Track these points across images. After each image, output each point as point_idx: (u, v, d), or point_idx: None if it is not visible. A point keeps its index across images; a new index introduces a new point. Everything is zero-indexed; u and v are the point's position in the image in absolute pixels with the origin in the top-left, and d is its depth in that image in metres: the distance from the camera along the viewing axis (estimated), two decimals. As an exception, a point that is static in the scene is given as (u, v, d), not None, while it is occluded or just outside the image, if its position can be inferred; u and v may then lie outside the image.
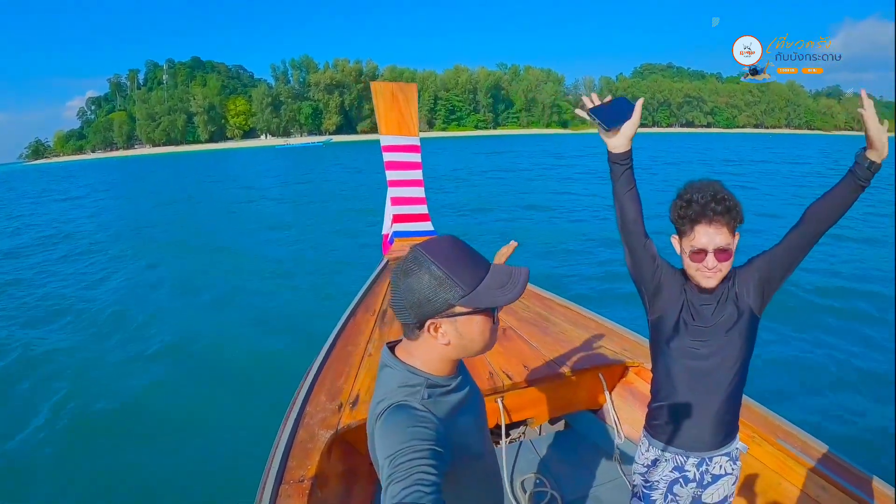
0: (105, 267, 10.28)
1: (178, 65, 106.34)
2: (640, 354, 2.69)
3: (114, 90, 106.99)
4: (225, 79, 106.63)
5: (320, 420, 2.10)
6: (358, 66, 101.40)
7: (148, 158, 69.26)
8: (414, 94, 3.73)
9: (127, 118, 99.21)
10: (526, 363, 2.57)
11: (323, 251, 10.76)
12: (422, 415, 0.88)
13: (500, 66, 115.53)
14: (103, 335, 6.62)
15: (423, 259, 0.89)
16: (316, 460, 1.86)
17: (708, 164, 31.39)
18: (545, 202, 15.95)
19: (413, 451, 0.78)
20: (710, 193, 1.30)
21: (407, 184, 4.06)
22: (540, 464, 2.61)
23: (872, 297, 6.97)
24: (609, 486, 2.46)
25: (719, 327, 1.37)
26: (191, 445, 4.05)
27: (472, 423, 1.02)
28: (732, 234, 1.32)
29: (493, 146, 47.19)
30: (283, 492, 1.72)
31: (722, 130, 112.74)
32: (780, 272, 1.37)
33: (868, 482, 1.70)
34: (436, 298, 0.88)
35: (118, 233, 14.02)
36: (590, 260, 9.50)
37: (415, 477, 0.74)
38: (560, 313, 3.20)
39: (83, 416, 4.62)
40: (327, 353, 2.66)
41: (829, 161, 33.23)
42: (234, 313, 7.19)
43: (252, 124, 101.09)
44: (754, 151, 42.41)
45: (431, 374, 0.95)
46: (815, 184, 19.09)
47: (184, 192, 22.63)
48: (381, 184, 4.20)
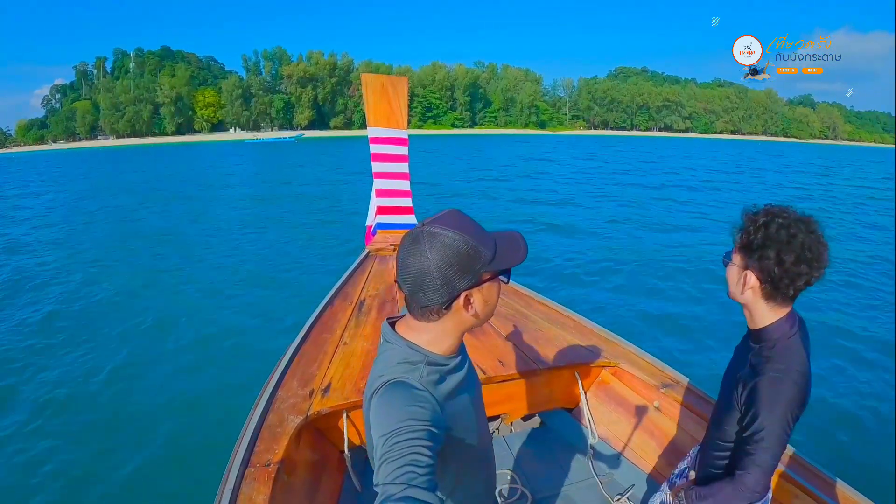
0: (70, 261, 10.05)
1: (148, 54, 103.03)
2: (618, 355, 2.74)
3: (80, 78, 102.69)
4: (195, 69, 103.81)
5: (291, 405, 2.11)
6: (332, 59, 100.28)
7: (109, 150, 66.66)
8: (404, 87, 3.80)
9: (91, 108, 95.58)
10: (501, 358, 2.60)
11: (299, 246, 10.82)
12: (419, 394, 0.88)
13: (478, 63, 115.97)
14: (70, 321, 6.72)
15: (447, 232, 0.88)
16: (284, 445, 1.88)
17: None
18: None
19: (409, 432, 0.79)
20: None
21: (392, 176, 4.13)
22: (512, 460, 2.65)
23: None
24: (581, 485, 2.50)
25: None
26: (160, 431, 4.15)
27: (469, 404, 1.03)
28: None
29: (472, 150, 46.62)
30: (249, 475, 1.73)
31: (700, 136, 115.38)
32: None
33: (832, 486, 1.76)
34: (471, 269, 0.89)
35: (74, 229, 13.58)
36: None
37: (409, 458, 0.75)
38: (539, 311, 3.25)
39: (45, 403, 4.67)
40: (302, 339, 2.68)
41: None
42: (208, 301, 7.38)
43: (221, 117, 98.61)
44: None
45: (434, 351, 0.96)
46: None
47: (139, 191, 21.63)
48: (362, 182, 4.24)
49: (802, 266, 1.17)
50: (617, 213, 14.69)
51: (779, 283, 1.20)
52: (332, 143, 67.50)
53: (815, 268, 1.17)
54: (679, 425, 2.44)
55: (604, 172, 27.85)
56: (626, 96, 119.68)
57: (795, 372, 1.20)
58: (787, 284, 1.20)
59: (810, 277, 1.19)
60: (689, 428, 2.38)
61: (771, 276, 1.20)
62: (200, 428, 4.11)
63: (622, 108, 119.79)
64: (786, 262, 1.17)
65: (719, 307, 6.78)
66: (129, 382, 5.01)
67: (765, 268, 1.20)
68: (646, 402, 2.62)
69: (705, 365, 5.04)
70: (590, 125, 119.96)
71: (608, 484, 2.48)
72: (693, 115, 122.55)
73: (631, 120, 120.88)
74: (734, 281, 1.29)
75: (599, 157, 39.43)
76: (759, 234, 1.20)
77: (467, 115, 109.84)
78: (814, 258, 1.16)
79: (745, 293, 1.27)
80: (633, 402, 2.67)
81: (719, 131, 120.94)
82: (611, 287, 7.98)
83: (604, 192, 19.45)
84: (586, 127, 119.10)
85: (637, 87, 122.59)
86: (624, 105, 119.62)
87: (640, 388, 2.65)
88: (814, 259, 1.17)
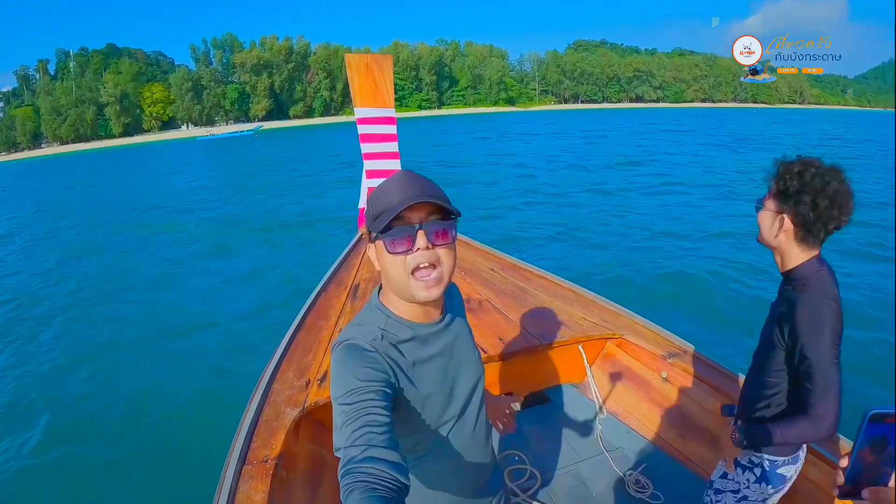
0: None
1: (92, 52, 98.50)
2: (622, 326, 2.75)
3: (21, 84, 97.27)
4: (143, 66, 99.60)
5: (287, 397, 2.10)
6: (288, 43, 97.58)
7: (43, 161, 61.21)
8: (389, 65, 3.78)
9: (32, 114, 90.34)
10: (502, 336, 2.59)
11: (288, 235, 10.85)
12: (370, 355, 0.90)
13: (440, 41, 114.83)
14: (67, 318, 6.90)
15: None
16: (282, 439, 1.87)
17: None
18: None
19: (362, 393, 0.82)
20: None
21: (382, 156, 4.13)
22: (519, 440, 2.64)
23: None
24: (591, 462, 2.52)
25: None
26: (154, 429, 4.23)
27: (437, 381, 1.01)
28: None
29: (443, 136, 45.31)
30: (247, 472, 1.72)
31: (671, 105, 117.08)
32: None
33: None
34: (368, 223, 0.93)
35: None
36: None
37: (365, 419, 0.77)
38: (538, 284, 3.24)
39: (33, 404, 4.77)
40: (297, 328, 2.66)
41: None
42: (204, 295, 7.54)
43: (171, 113, 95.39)
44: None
45: (398, 314, 0.97)
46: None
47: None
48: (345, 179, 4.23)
49: (834, 211, 1.29)
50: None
51: (812, 226, 1.32)
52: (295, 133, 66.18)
53: (844, 213, 1.30)
54: (688, 395, 2.45)
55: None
56: (595, 68, 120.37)
57: (829, 297, 1.31)
58: (819, 228, 1.32)
59: (840, 222, 1.31)
60: (699, 397, 2.40)
61: (805, 219, 1.32)
62: (196, 425, 4.14)
63: (592, 81, 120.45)
64: (820, 206, 1.29)
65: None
66: (118, 379, 5.06)
67: (800, 212, 1.32)
68: (653, 372, 2.63)
69: (714, 332, 5.16)
70: (560, 99, 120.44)
71: (618, 459, 2.49)
72: (664, 85, 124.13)
73: (602, 92, 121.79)
74: (768, 225, 1.41)
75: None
76: (796, 181, 1.31)
77: (434, 96, 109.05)
78: (844, 204, 1.29)
79: (778, 236, 1.38)
80: (639, 373, 2.69)
81: (690, 100, 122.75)
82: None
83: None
84: (557, 102, 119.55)
85: (606, 58, 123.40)
86: (594, 77, 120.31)
87: (646, 359, 2.66)
88: (844, 205, 1.30)
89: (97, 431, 4.26)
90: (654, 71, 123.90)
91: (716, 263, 7.67)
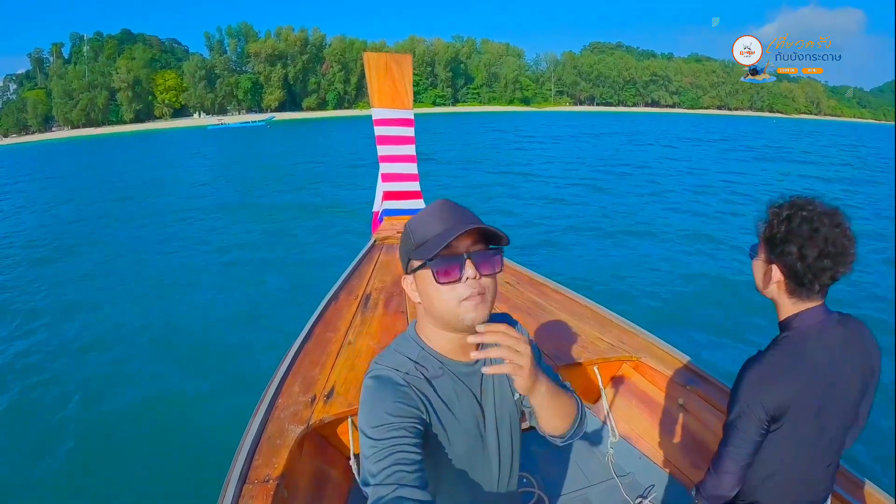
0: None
1: (107, 38, 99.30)
2: (639, 347, 2.70)
3: (35, 67, 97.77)
4: (157, 52, 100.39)
5: (291, 414, 2.05)
6: (303, 34, 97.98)
7: (53, 145, 62.08)
8: (409, 65, 3.75)
9: (44, 97, 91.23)
10: None
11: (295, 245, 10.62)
12: (402, 390, 0.89)
13: (456, 38, 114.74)
14: (56, 324, 6.71)
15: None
16: (284, 458, 1.83)
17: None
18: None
19: (393, 430, 0.81)
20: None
21: (399, 159, 4.13)
22: (527, 461, 2.59)
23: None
24: (600, 487, 2.47)
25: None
26: (152, 446, 4.10)
27: (468, 421, 1.00)
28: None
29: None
30: (247, 492, 1.68)
31: (687, 111, 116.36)
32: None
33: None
34: (405, 252, 0.93)
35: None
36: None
37: (396, 456, 0.77)
38: (555, 300, 3.20)
39: (31, 417, 4.65)
40: (304, 339, 2.61)
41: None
42: (205, 304, 7.28)
43: (183, 101, 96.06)
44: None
45: (433, 348, 0.97)
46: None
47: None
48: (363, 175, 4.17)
49: (826, 261, 1.15)
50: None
51: (802, 278, 1.19)
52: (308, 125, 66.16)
53: (839, 263, 1.16)
54: (704, 423, 2.39)
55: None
56: (612, 71, 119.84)
57: (788, 357, 1.22)
58: (810, 280, 1.18)
59: (835, 272, 1.17)
60: (715, 426, 2.34)
61: (794, 271, 1.19)
62: (196, 442, 4.03)
63: (609, 84, 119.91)
64: (808, 257, 1.16)
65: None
66: (116, 392, 4.91)
67: (788, 263, 1.19)
68: (669, 398, 2.58)
69: (734, 359, 5.04)
70: (575, 101, 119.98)
71: (629, 485, 2.44)
72: (680, 90, 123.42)
73: (618, 95, 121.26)
74: (759, 275, 1.30)
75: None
76: (783, 227, 1.19)
77: (449, 92, 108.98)
78: (838, 253, 1.15)
79: (769, 287, 1.28)
80: (655, 398, 2.64)
81: (706, 106, 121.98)
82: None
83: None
84: (572, 103, 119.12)
85: (623, 61, 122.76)
86: (611, 80, 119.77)
87: (662, 384, 2.61)
88: (838, 254, 1.15)
89: (94, 445, 4.19)
90: (671, 76, 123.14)
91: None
